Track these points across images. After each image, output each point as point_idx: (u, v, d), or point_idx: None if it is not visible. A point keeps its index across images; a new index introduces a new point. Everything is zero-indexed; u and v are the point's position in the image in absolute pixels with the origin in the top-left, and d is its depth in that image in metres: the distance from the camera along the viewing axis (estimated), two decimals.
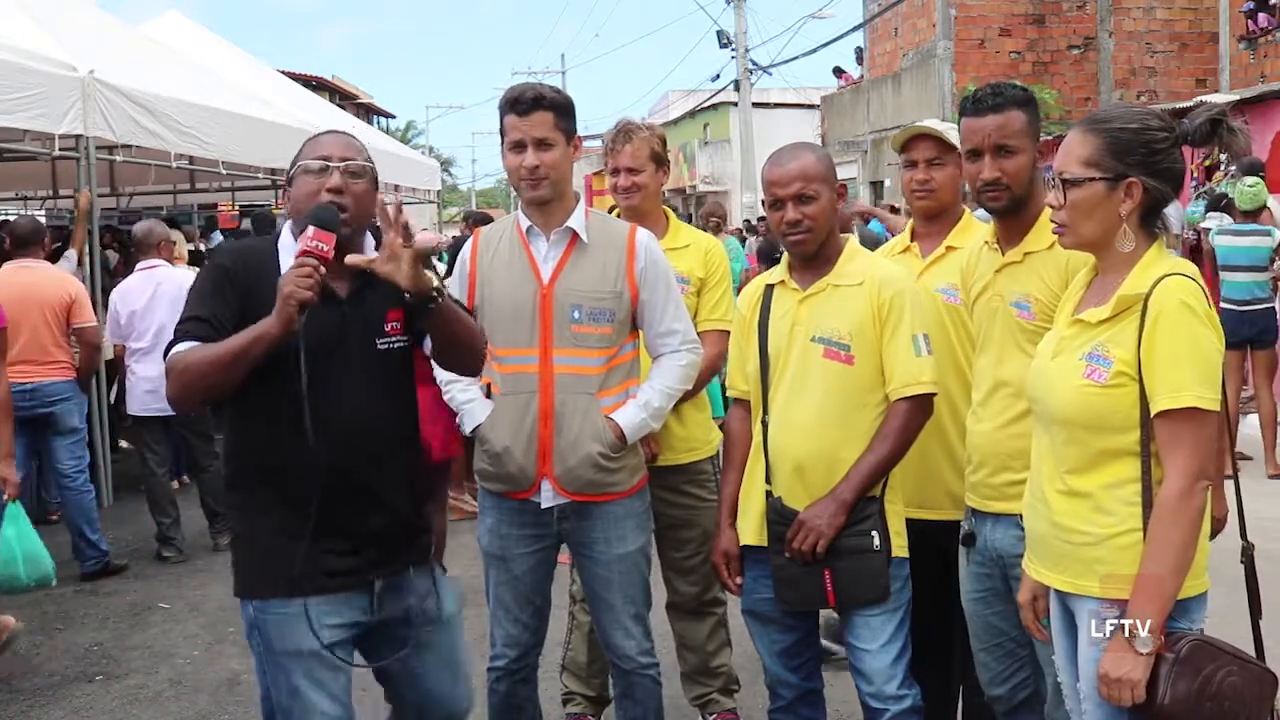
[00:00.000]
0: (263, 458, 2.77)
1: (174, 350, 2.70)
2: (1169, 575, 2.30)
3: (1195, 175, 10.68)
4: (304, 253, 2.59)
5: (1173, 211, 4.28)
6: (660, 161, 3.99)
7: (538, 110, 3.19)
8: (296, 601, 2.72)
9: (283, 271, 2.67)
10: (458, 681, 3.07)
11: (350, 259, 2.69)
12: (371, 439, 2.78)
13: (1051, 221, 2.53)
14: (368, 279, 2.75)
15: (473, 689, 3.13)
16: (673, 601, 4.16)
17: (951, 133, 3.39)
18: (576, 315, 3.21)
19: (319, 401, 2.63)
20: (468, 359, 2.97)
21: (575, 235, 3.27)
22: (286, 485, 2.72)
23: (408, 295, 2.68)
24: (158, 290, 6.92)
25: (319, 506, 2.68)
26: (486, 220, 9.66)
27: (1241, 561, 2.52)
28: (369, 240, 2.84)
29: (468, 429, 3.35)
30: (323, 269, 2.59)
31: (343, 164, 2.76)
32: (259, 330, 2.59)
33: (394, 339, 2.84)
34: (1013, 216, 3.02)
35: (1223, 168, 10.27)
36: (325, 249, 2.60)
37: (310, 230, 2.62)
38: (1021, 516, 2.85)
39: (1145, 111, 2.52)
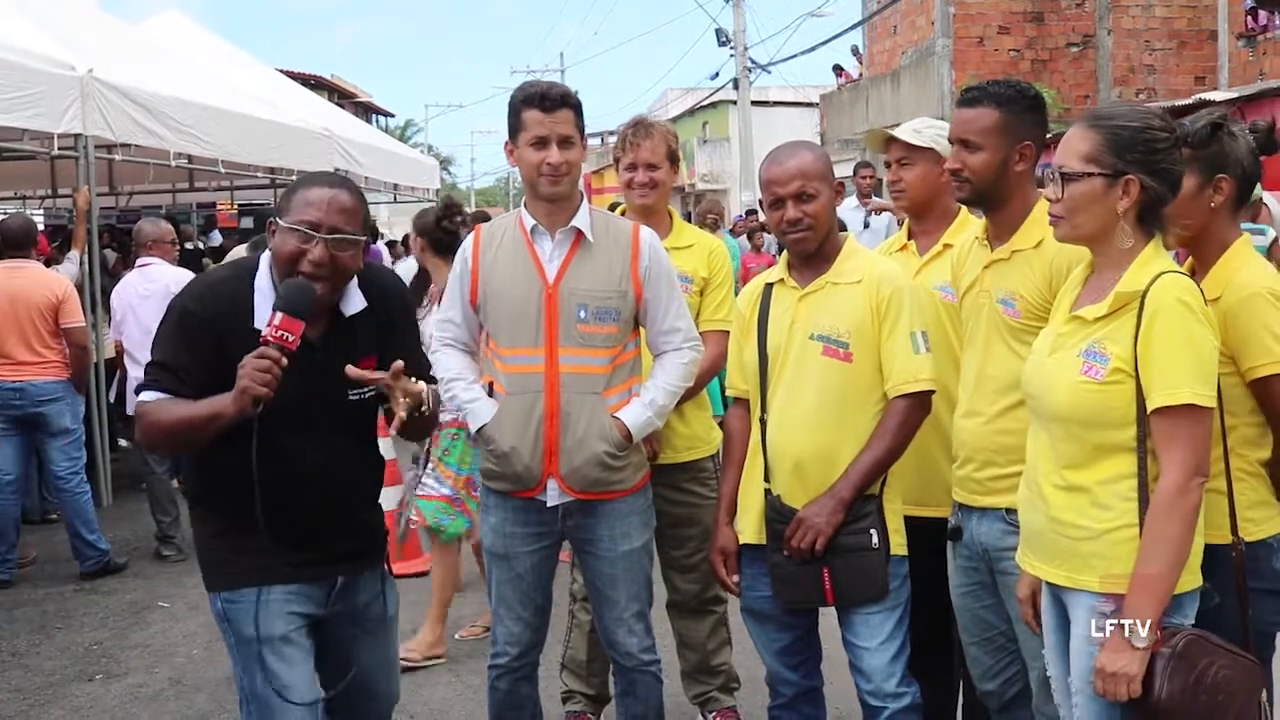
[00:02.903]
0: (232, 494, 2.75)
1: (141, 397, 2.76)
2: (1165, 571, 2.31)
3: None
4: (266, 341, 2.59)
5: (1272, 201, 4.21)
6: (674, 159, 4.00)
7: (563, 108, 3.21)
8: (265, 590, 2.80)
9: (256, 316, 2.71)
10: (391, 678, 3.17)
11: (351, 371, 2.71)
12: (339, 481, 2.87)
13: (1049, 214, 2.54)
14: (345, 327, 2.83)
15: (399, 687, 3.25)
16: (673, 600, 4.16)
17: (923, 132, 3.43)
18: (582, 315, 3.21)
19: (285, 453, 2.71)
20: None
21: (580, 234, 3.27)
22: (255, 516, 2.70)
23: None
24: (149, 289, 6.91)
25: (289, 535, 2.77)
26: (484, 219, 9.63)
27: (1232, 555, 2.53)
28: (354, 290, 2.84)
29: (473, 429, 3.35)
30: (284, 360, 2.58)
31: (330, 235, 2.69)
32: (216, 408, 2.63)
33: (366, 390, 2.84)
34: (990, 210, 3.04)
35: None
36: (291, 339, 2.60)
37: (278, 317, 2.60)
38: (1007, 511, 2.87)
39: (1147, 111, 2.53)
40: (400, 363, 2.72)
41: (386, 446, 5.03)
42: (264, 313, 2.70)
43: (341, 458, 2.87)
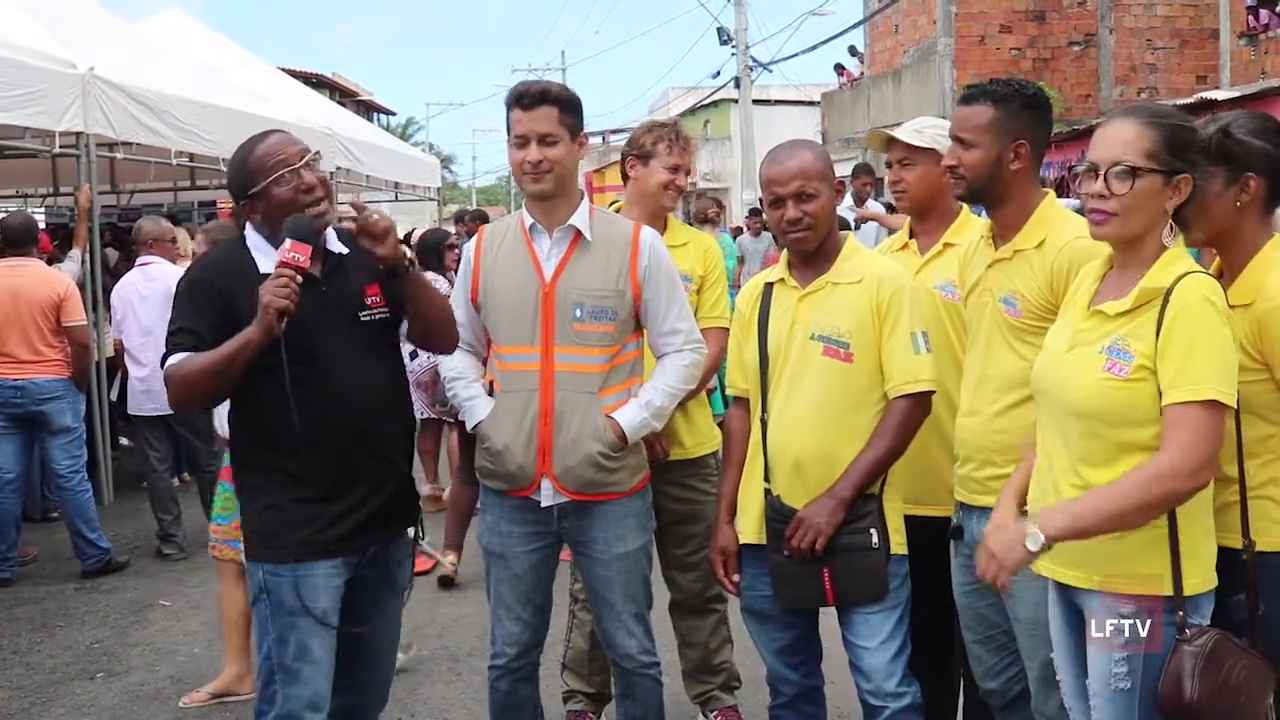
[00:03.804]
0: (271, 443, 2.97)
1: (168, 362, 2.94)
2: (1096, 523, 2.33)
3: None
4: (282, 264, 2.85)
5: None
6: None
7: (543, 105, 3.19)
8: (308, 565, 2.96)
9: (260, 271, 2.94)
10: (394, 651, 3.37)
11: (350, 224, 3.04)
12: (369, 405, 3.03)
13: (1095, 210, 2.45)
14: (343, 260, 3.08)
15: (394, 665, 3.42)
16: (676, 600, 4.16)
17: (924, 133, 3.43)
18: (578, 313, 3.21)
19: (315, 380, 2.92)
20: (442, 333, 3.26)
21: (579, 233, 3.26)
22: (298, 463, 2.94)
23: (383, 265, 3.03)
24: (149, 288, 6.91)
25: (332, 477, 2.97)
26: (483, 218, 9.67)
27: (1244, 557, 2.51)
28: (334, 237, 3.10)
29: (469, 426, 3.36)
30: (299, 278, 2.84)
31: (303, 160, 2.98)
32: (244, 337, 2.84)
33: (375, 311, 3.10)
34: (990, 208, 3.04)
35: None
36: (302, 260, 2.86)
37: (288, 243, 2.87)
38: None
39: (1183, 112, 2.53)
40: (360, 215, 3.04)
41: None
42: (265, 262, 2.96)
43: (368, 378, 3.04)
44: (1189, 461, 2.29)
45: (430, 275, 7.10)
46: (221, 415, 3.77)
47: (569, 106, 3.22)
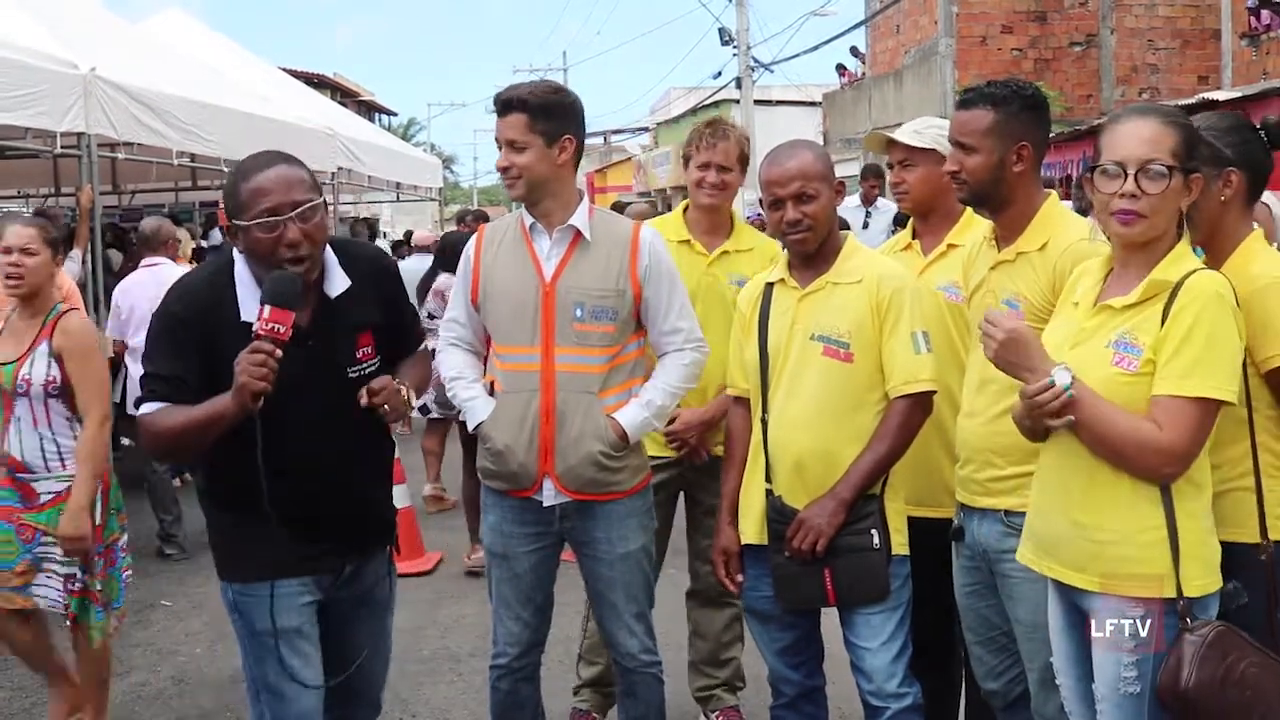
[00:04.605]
0: (239, 494, 2.80)
1: (143, 409, 2.77)
2: (1094, 418, 2.37)
3: None
4: (259, 335, 2.60)
5: (1272, 200, 4.24)
6: (744, 163, 3.98)
7: (511, 112, 3.20)
8: (276, 584, 2.83)
9: (242, 310, 2.72)
10: (385, 663, 3.23)
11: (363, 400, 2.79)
12: (347, 470, 2.88)
13: (1125, 211, 2.40)
14: (332, 307, 2.82)
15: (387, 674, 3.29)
16: (694, 589, 4.19)
17: (924, 133, 3.43)
18: (579, 313, 3.21)
19: (289, 448, 2.71)
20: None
21: (578, 233, 3.26)
22: (267, 511, 2.73)
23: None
24: (160, 290, 6.89)
25: (300, 527, 2.79)
26: (484, 218, 9.66)
27: (1261, 558, 2.51)
28: (336, 271, 2.85)
29: (470, 426, 3.37)
30: (279, 353, 2.59)
31: (295, 212, 2.69)
32: (218, 409, 2.65)
33: (365, 365, 2.88)
34: (994, 212, 3.02)
35: None
36: (283, 330, 2.61)
37: (266, 311, 2.61)
38: (1006, 513, 2.87)
39: (1184, 112, 2.55)
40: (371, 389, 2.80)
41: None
42: (248, 305, 2.72)
43: (348, 439, 2.86)
44: (1178, 449, 2.32)
45: (445, 277, 7.14)
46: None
47: (542, 112, 3.19)
